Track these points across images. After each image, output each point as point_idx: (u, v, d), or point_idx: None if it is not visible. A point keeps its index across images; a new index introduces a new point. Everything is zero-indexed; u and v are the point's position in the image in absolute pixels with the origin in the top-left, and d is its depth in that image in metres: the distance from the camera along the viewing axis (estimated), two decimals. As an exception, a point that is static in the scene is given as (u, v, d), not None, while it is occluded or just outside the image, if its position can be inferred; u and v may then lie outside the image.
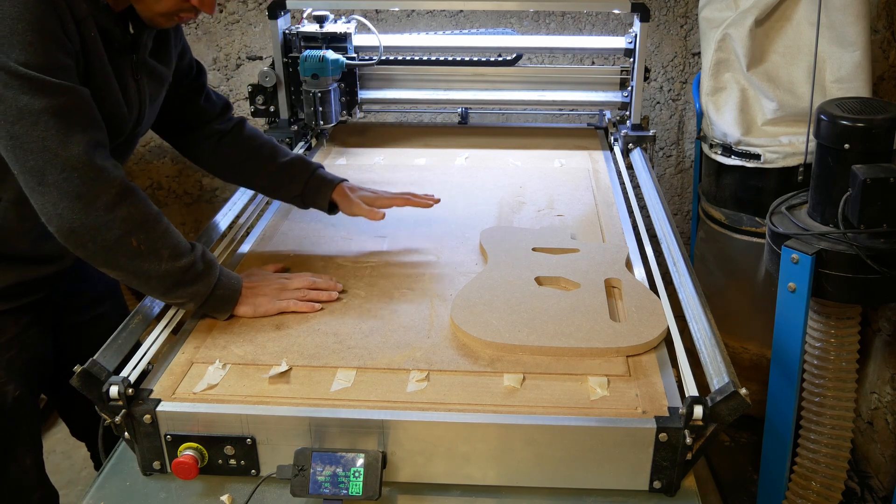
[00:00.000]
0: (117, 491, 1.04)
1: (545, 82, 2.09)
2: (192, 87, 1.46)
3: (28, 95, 1.03)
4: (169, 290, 1.17)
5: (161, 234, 1.14)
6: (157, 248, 1.13)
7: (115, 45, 1.20)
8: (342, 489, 0.97)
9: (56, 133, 1.05)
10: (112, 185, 1.09)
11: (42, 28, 1.04)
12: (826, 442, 1.69)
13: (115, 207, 1.09)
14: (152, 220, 1.13)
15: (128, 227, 1.10)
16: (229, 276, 1.23)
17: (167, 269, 1.14)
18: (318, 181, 1.51)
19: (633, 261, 1.42)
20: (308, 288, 1.28)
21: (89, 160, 1.07)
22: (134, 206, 1.11)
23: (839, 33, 1.87)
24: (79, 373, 1.00)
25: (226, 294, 1.22)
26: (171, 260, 1.14)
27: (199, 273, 1.18)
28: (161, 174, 2.74)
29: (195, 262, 1.17)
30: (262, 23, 2.51)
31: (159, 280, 1.15)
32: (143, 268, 1.13)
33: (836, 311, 1.63)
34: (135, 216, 1.11)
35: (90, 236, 1.09)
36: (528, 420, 0.99)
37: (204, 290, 1.18)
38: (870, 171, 1.47)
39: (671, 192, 2.69)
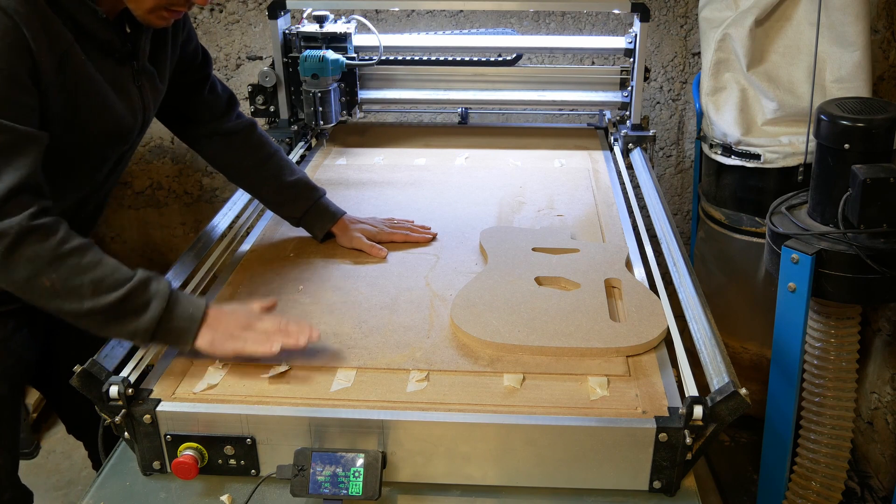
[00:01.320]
0: (117, 491, 1.04)
1: (545, 82, 2.09)
2: (196, 77, 1.44)
3: None
4: (102, 327, 1.06)
5: (78, 270, 1.04)
6: (76, 284, 1.03)
7: (115, 56, 1.19)
8: (342, 489, 0.97)
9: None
10: (13, 227, 1.01)
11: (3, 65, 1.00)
12: (826, 442, 1.69)
13: (17, 248, 1.01)
14: (65, 256, 1.03)
15: (34, 266, 1.02)
16: (186, 305, 1.09)
17: (91, 307, 1.03)
18: (320, 210, 1.50)
19: (633, 261, 1.42)
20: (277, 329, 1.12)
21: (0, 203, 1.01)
22: (40, 244, 1.02)
23: (839, 33, 1.87)
24: (79, 373, 1.00)
25: (180, 326, 1.08)
26: (95, 297, 1.03)
27: (135, 308, 1.05)
28: (161, 174, 2.74)
29: (128, 297, 1.05)
30: (262, 23, 2.51)
31: (88, 318, 1.05)
32: (65, 308, 1.04)
33: (836, 311, 1.63)
34: (40, 255, 1.02)
35: (1, 278, 1.03)
36: (528, 420, 0.99)
37: (146, 327, 1.05)
38: (870, 171, 1.47)
39: (671, 192, 2.69)
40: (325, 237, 1.51)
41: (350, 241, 1.48)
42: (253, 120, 1.53)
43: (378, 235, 1.50)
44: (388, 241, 1.50)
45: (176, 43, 1.36)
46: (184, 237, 2.82)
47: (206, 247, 1.43)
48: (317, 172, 1.88)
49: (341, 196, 1.70)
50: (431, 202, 1.69)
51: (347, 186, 1.79)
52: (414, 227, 1.55)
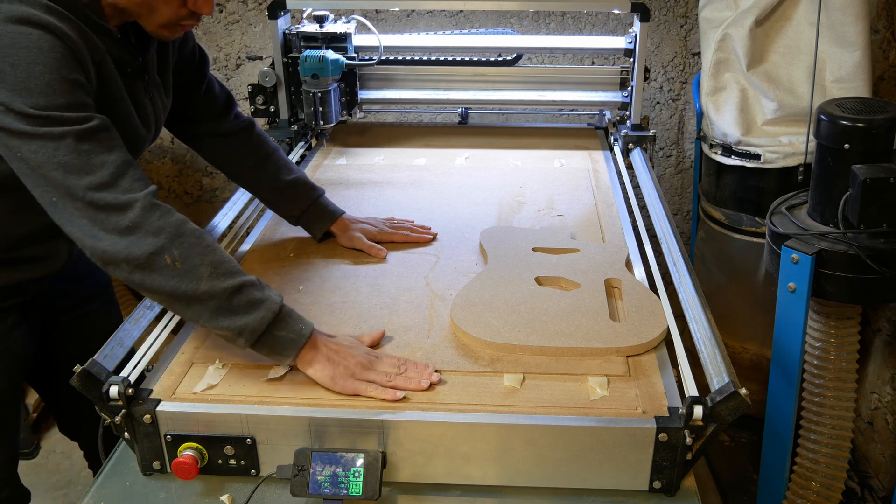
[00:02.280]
0: (117, 491, 1.04)
1: (545, 82, 2.09)
2: (193, 78, 1.45)
3: (47, 127, 1.01)
4: (213, 316, 1.04)
5: (200, 250, 1.04)
6: (196, 263, 1.03)
7: (127, 71, 1.21)
8: (342, 489, 0.97)
9: (76, 159, 1.02)
10: (139, 200, 1.03)
11: (59, 72, 1.03)
12: (826, 442, 1.69)
13: (143, 221, 1.02)
14: (189, 234, 1.04)
15: (158, 241, 1.02)
16: (297, 319, 1.09)
17: (207, 289, 1.03)
18: (318, 209, 1.51)
19: (633, 261, 1.42)
20: (399, 369, 1.10)
21: (112, 180, 1.03)
22: (164, 219, 1.04)
23: (839, 33, 1.87)
24: (79, 373, 1.00)
25: (288, 337, 1.06)
26: (213, 279, 1.03)
27: (251, 301, 1.05)
28: (161, 174, 2.74)
29: (244, 287, 1.05)
30: (262, 23, 2.51)
31: (202, 303, 1.04)
32: (181, 288, 1.03)
33: (836, 311, 1.63)
34: (166, 228, 1.03)
35: (122, 255, 1.02)
36: (528, 420, 0.99)
37: (255, 324, 1.04)
38: (870, 171, 1.47)
39: (671, 192, 2.69)
40: (323, 237, 1.52)
41: (350, 241, 1.49)
42: (252, 119, 1.53)
43: (378, 235, 1.50)
44: (388, 241, 1.50)
45: (174, 46, 1.37)
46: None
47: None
48: (317, 172, 1.88)
49: (341, 196, 1.70)
50: (431, 202, 1.69)
51: (347, 186, 1.79)
52: (414, 227, 1.55)
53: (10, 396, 1.35)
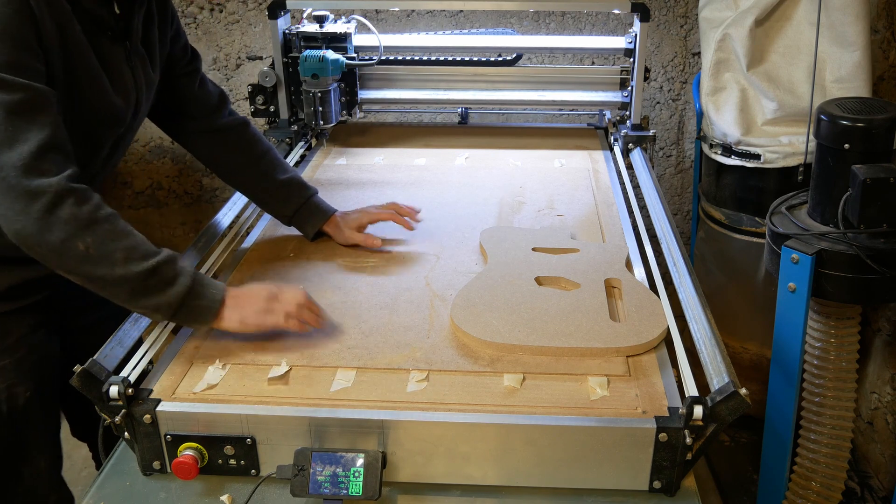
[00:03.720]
0: (117, 491, 1.04)
1: (545, 82, 2.09)
2: (185, 71, 1.44)
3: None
4: (130, 298, 1.07)
5: (113, 236, 1.05)
6: (109, 250, 1.04)
7: (107, 34, 1.19)
8: (342, 489, 0.97)
9: (3, 130, 1.02)
10: (52, 186, 1.03)
11: (7, 29, 1.02)
12: (826, 442, 1.69)
13: (56, 209, 1.02)
14: (102, 221, 1.05)
15: (71, 228, 1.03)
16: (208, 286, 1.13)
17: (122, 274, 1.05)
18: (310, 209, 1.50)
19: (633, 261, 1.42)
20: (301, 304, 1.17)
21: (31, 162, 1.02)
22: (78, 206, 1.04)
23: (839, 33, 1.87)
24: (79, 373, 1.00)
25: (203, 305, 1.11)
26: (126, 264, 1.05)
27: (163, 281, 1.07)
28: (161, 174, 2.74)
29: (157, 269, 1.07)
30: (262, 23, 2.51)
31: (117, 286, 1.06)
32: (97, 273, 1.05)
33: (836, 311, 1.63)
34: (79, 217, 1.03)
35: (34, 239, 1.03)
36: (528, 420, 0.99)
37: (171, 301, 1.08)
38: (870, 171, 1.47)
39: (671, 192, 2.69)
40: (316, 236, 1.51)
41: (346, 239, 1.49)
42: (245, 118, 1.53)
43: (364, 217, 1.50)
44: (376, 220, 1.50)
45: (165, 36, 1.36)
46: (184, 237, 2.82)
47: (207, 247, 1.43)
48: (317, 172, 1.88)
49: (341, 196, 1.70)
50: (431, 202, 1.69)
51: (347, 186, 1.79)
52: (399, 207, 1.54)
53: (42, 400, 1.34)
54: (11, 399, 1.30)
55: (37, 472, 1.36)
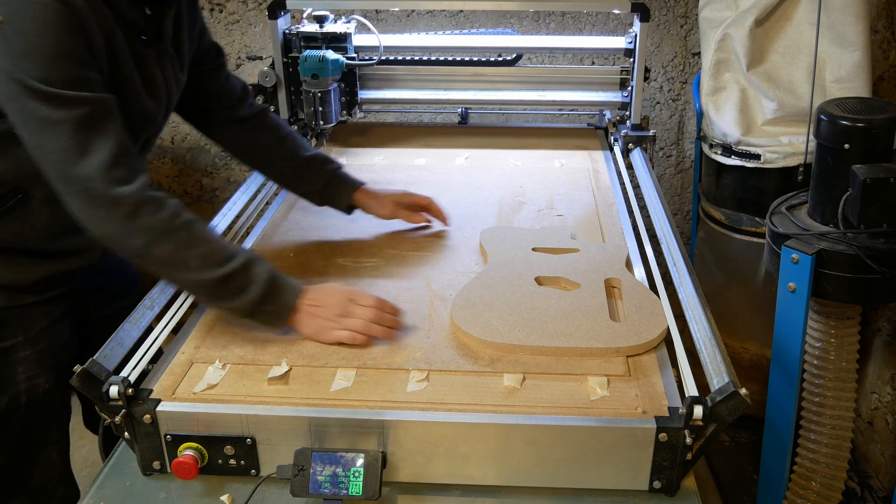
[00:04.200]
0: (117, 491, 1.04)
1: (545, 82, 2.09)
2: (212, 66, 1.47)
3: (47, 107, 1.04)
4: (209, 300, 1.16)
5: (189, 244, 1.11)
6: (185, 257, 1.11)
7: (140, 38, 1.21)
8: (342, 489, 0.97)
9: (75, 145, 1.05)
10: (129, 196, 1.08)
11: (63, 45, 1.04)
12: (826, 442, 1.69)
13: (135, 217, 1.08)
14: (178, 229, 1.10)
15: (150, 236, 1.09)
16: (283, 289, 1.16)
17: (197, 279, 1.11)
18: (340, 179, 1.53)
19: (633, 261, 1.42)
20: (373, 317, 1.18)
21: (107, 172, 1.07)
22: (153, 215, 1.09)
23: (839, 33, 1.87)
24: (79, 373, 1.00)
25: (274, 310, 1.15)
26: (203, 270, 1.11)
27: (237, 287, 1.12)
28: (161, 174, 2.74)
29: (231, 276, 1.12)
30: (262, 23, 2.51)
31: (196, 290, 1.15)
32: (176, 277, 1.14)
33: (836, 311, 1.63)
34: (155, 226, 1.09)
35: (118, 244, 1.10)
36: (528, 420, 0.99)
37: (244, 306, 1.13)
38: (870, 171, 1.47)
39: (671, 192, 2.69)
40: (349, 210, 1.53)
41: (381, 209, 1.52)
42: (265, 105, 1.57)
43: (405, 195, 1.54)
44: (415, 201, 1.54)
45: (193, 35, 1.39)
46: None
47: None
48: (317, 172, 1.88)
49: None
50: (431, 202, 1.69)
51: (347, 186, 1.78)
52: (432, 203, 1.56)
53: (59, 393, 1.36)
54: (31, 390, 1.31)
55: (48, 463, 1.38)
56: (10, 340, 1.29)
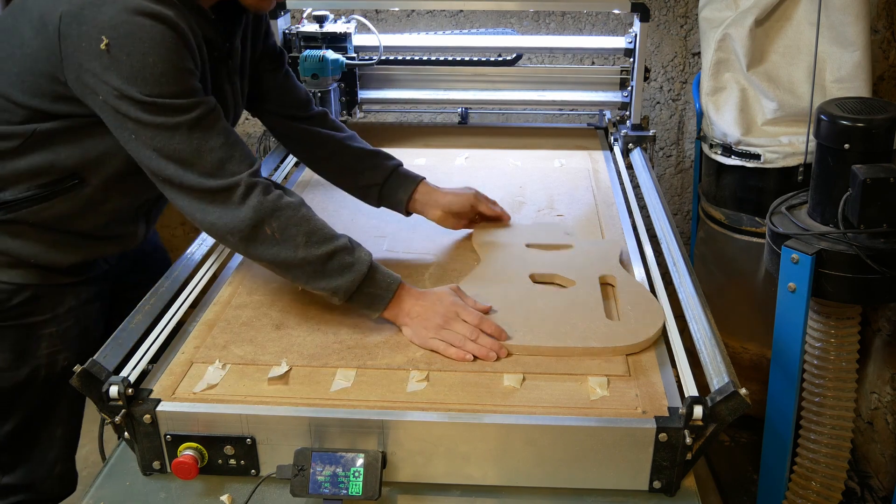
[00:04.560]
0: (117, 491, 1.04)
1: (545, 82, 2.09)
2: (270, 67, 1.51)
3: (162, 117, 1.10)
4: (311, 279, 1.16)
5: (295, 221, 1.15)
6: (292, 234, 1.14)
7: (214, 55, 1.25)
8: (342, 489, 0.97)
9: (189, 146, 1.11)
10: (241, 180, 1.13)
11: (173, 61, 1.10)
12: (826, 442, 1.69)
13: (245, 199, 1.13)
14: (285, 208, 1.15)
15: (259, 214, 1.13)
16: (384, 275, 1.19)
17: (304, 256, 1.14)
18: (402, 174, 1.52)
19: (632, 261, 1.41)
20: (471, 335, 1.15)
21: (220, 164, 1.13)
22: (264, 195, 1.14)
23: (839, 33, 1.87)
24: (79, 373, 1.00)
25: (375, 293, 1.18)
26: (308, 247, 1.14)
27: (343, 265, 1.16)
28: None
29: (336, 253, 1.15)
30: (262, 23, 2.51)
31: (299, 269, 1.15)
32: (281, 256, 1.15)
33: (836, 311, 1.63)
34: (264, 204, 1.13)
35: (227, 229, 1.14)
36: (528, 420, 0.99)
37: (347, 285, 1.16)
38: (870, 171, 1.47)
39: (671, 192, 2.69)
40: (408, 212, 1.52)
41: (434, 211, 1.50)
42: (324, 109, 1.61)
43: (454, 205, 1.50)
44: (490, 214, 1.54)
45: (257, 43, 1.44)
46: (184, 237, 2.83)
47: (206, 247, 1.43)
48: (317, 172, 1.88)
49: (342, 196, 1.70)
50: (431, 202, 1.69)
51: (347, 186, 1.78)
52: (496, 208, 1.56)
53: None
54: (51, 365, 1.34)
55: (52, 438, 1.40)
56: (39, 316, 1.32)
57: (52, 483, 1.42)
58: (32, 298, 1.30)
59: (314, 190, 1.75)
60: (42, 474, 1.41)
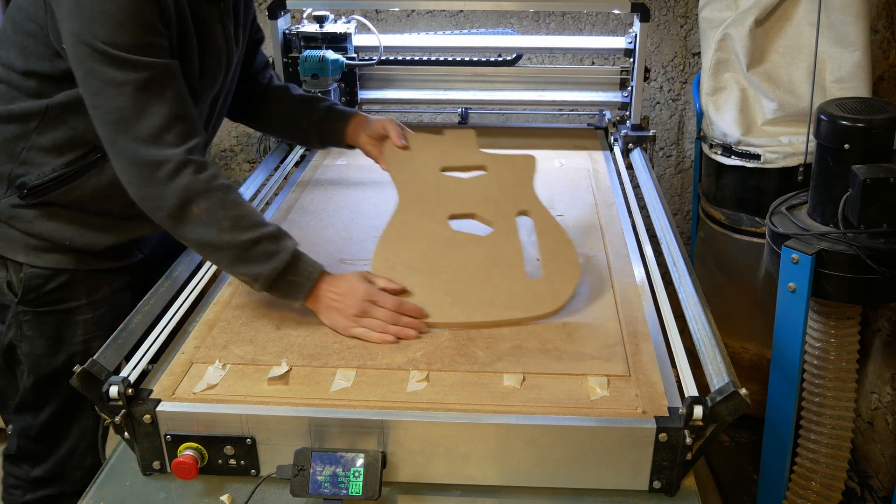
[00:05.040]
0: (117, 491, 1.04)
1: (545, 82, 2.09)
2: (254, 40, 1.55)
3: (113, 69, 1.08)
4: (233, 263, 1.16)
5: (224, 204, 1.15)
6: (219, 217, 1.14)
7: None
8: (342, 489, 0.97)
9: (132, 106, 1.10)
10: (173, 156, 1.12)
11: (132, 11, 1.08)
12: (826, 442, 1.69)
13: (176, 176, 1.12)
14: (215, 190, 1.14)
15: (188, 193, 1.12)
16: (307, 264, 1.20)
17: (228, 239, 1.14)
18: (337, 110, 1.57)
19: (632, 261, 1.41)
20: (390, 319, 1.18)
21: (158, 135, 1.12)
22: (195, 175, 1.13)
23: (839, 33, 1.87)
24: (79, 373, 1.00)
25: (296, 282, 1.18)
26: (234, 231, 1.14)
27: (266, 253, 1.16)
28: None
29: (262, 240, 1.16)
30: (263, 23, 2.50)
31: (223, 252, 1.15)
32: (206, 237, 1.15)
33: (836, 311, 1.63)
34: (195, 184, 1.13)
35: (156, 203, 1.14)
36: (528, 420, 0.99)
37: (268, 273, 1.16)
38: (870, 171, 1.47)
39: (671, 192, 2.69)
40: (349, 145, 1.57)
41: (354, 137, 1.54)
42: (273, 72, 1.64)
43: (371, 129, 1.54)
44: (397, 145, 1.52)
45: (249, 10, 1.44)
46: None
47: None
48: (317, 173, 1.88)
49: (342, 196, 1.70)
50: (431, 202, 1.69)
51: (347, 186, 1.78)
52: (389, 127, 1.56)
53: None
54: (86, 352, 1.33)
55: (83, 431, 1.41)
56: (75, 302, 1.34)
57: (81, 475, 1.42)
58: (68, 284, 1.32)
59: (314, 190, 1.75)
60: (72, 465, 1.41)
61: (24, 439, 1.40)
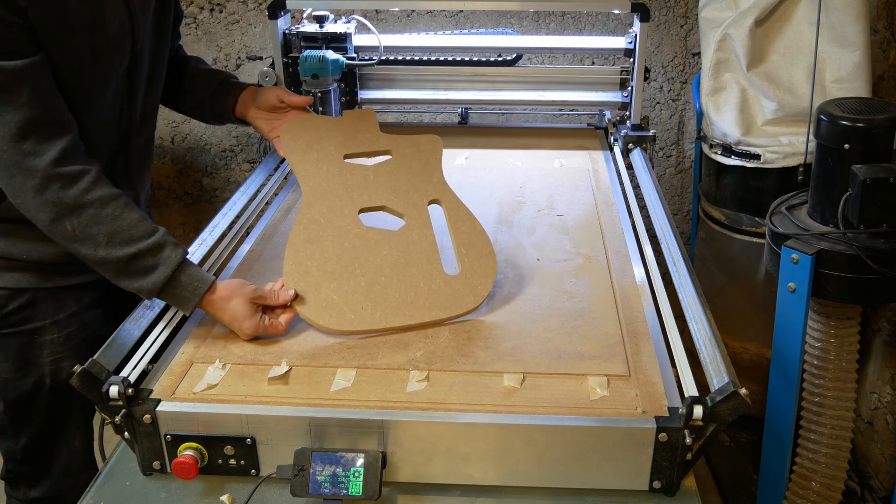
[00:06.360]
0: (117, 491, 1.04)
1: (545, 82, 2.09)
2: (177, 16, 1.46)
3: None
4: (114, 277, 1.14)
5: (98, 220, 1.11)
6: (93, 233, 1.11)
7: None
8: (342, 489, 0.97)
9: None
10: (38, 169, 1.09)
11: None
12: (826, 442, 1.69)
13: (44, 191, 1.09)
14: (87, 205, 1.11)
15: (58, 210, 1.10)
16: (191, 277, 1.15)
17: (104, 256, 1.12)
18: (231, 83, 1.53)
19: (632, 261, 1.41)
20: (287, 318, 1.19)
21: (13, 144, 1.08)
22: (63, 190, 1.10)
23: (839, 33, 1.87)
24: (79, 373, 1.00)
25: (181, 296, 1.15)
26: (109, 247, 1.11)
27: (145, 268, 1.13)
28: (161, 174, 2.74)
29: (139, 255, 1.12)
30: (262, 23, 2.51)
31: (101, 266, 1.14)
32: (82, 252, 1.13)
33: (836, 311, 1.63)
34: (64, 201, 1.10)
35: (31, 215, 1.12)
36: (528, 420, 0.99)
37: (149, 287, 1.13)
38: (870, 171, 1.47)
39: (671, 192, 2.69)
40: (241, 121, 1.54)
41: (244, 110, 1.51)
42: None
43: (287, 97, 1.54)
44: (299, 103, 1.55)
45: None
46: (184, 237, 2.82)
47: (206, 247, 1.43)
48: (317, 172, 1.88)
49: (341, 196, 1.70)
50: (431, 202, 1.69)
51: (347, 186, 1.78)
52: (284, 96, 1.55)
53: None
54: (55, 373, 1.32)
55: (72, 449, 1.39)
56: (39, 322, 1.31)
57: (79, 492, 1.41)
58: (30, 303, 1.29)
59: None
60: (68, 485, 1.40)
61: (12, 462, 1.39)
